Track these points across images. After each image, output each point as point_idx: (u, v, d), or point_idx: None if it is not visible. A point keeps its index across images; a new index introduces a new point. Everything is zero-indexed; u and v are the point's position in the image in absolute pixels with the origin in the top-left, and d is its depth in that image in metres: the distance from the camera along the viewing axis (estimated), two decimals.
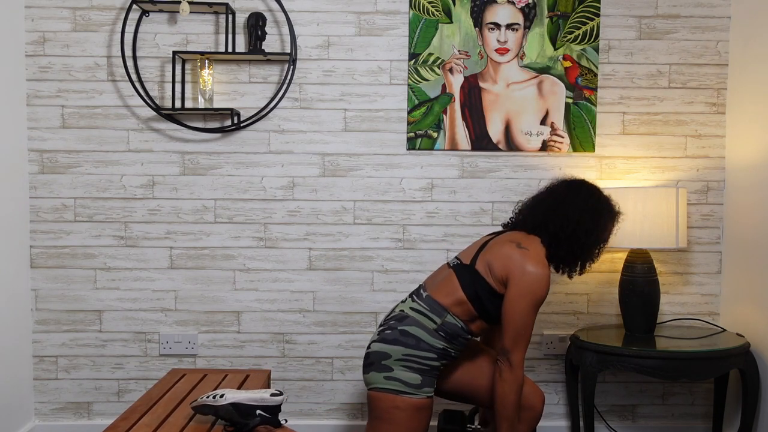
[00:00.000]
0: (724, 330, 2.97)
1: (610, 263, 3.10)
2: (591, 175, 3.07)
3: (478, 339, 2.71)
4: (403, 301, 2.38)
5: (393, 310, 2.37)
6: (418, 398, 2.24)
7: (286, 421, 2.23)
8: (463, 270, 2.31)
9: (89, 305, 3.06)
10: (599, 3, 3.03)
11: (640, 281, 2.82)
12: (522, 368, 2.22)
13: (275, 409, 2.14)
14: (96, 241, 3.05)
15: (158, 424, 2.16)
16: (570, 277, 2.42)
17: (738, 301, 2.98)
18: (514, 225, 2.45)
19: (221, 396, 2.12)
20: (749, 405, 2.73)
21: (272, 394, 2.13)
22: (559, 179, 2.48)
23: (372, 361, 2.29)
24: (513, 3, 3.02)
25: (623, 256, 3.08)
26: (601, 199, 2.38)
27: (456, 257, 2.40)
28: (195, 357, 3.08)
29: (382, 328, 2.34)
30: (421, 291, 2.36)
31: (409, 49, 3.02)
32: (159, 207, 3.05)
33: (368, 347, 2.33)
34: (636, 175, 3.08)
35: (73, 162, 3.03)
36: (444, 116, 3.04)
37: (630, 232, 2.76)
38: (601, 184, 3.07)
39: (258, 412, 2.12)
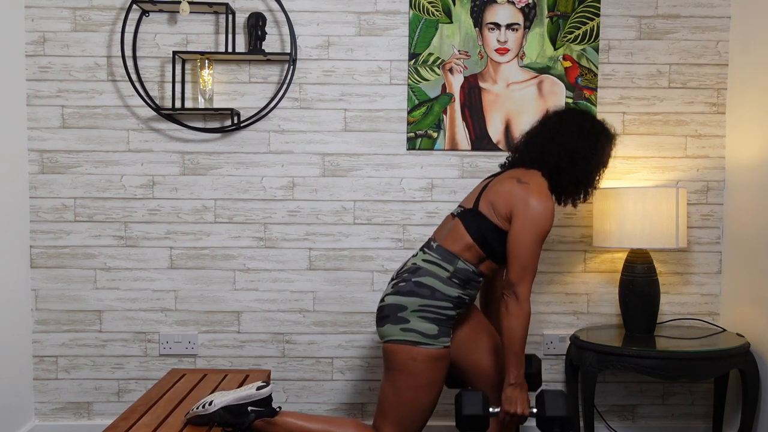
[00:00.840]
0: (724, 330, 2.97)
1: (610, 263, 3.10)
2: None
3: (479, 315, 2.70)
4: (414, 255, 2.38)
5: (404, 264, 2.37)
6: (435, 348, 2.23)
7: (280, 408, 2.22)
8: (468, 215, 2.31)
9: (89, 305, 3.06)
10: (599, 3, 3.03)
11: (640, 281, 2.82)
12: (528, 301, 2.20)
13: (266, 401, 2.14)
14: (96, 241, 3.05)
15: (158, 424, 2.16)
16: (574, 205, 2.42)
17: (738, 301, 2.97)
18: (511, 164, 2.44)
19: (210, 403, 2.12)
20: (749, 405, 2.73)
21: (258, 388, 2.13)
22: (551, 110, 2.47)
23: (387, 314, 2.28)
24: (513, 3, 3.02)
25: (623, 256, 3.08)
26: (595, 123, 2.38)
27: (459, 205, 2.40)
28: (195, 357, 3.08)
29: (395, 281, 2.33)
30: (431, 242, 2.36)
31: (409, 49, 3.02)
32: (159, 207, 3.05)
33: (381, 301, 2.32)
34: (636, 175, 3.08)
35: (73, 162, 3.03)
36: (444, 116, 3.04)
37: (630, 232, 2.76)
38: (601, 184, 3.06)
39: (250, 409, 2.12)
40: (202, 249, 3.06)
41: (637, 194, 2.76)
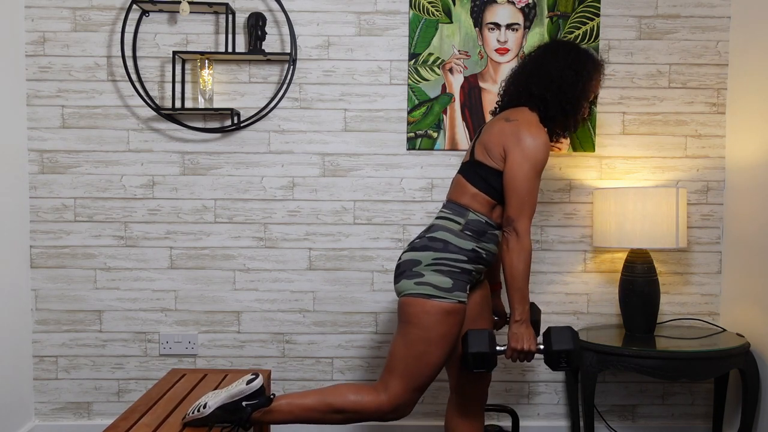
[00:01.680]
0: (724, 330, 2.97)
1: (610, 263, 3.10)
2: (591, 175, 3.08)
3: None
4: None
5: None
6: (448, 302, 2.19)
7: (274, 395, 2.21)
8: (467, 167, 2.31)
9: (89, 305, 3.06)
10: (599, 3, 3.03)
11: (640, 281, 2.82)
12: (528, 236, 2.17)
13: (259, 392, 2.14)
14: (96, 241, 3.05)
15: (158, 424, 2.16)
16: (566, 136, 2.42)
17: (738, 301, 2.98)
18: (501, 107, 2.43)
19: (204, 406, 2.12)
20: (749, 405, 2.73)
21: (248, 382, 2.13)
22: (535, 46, 2.46)
23: (403, 270, 2.25)
24: (513, 3, 3.02)
25: (623, 256, 3.08)
26: (580, 51, 2.35)
27: (462, 163, 2.40)
28: (195, 357, 3.08)
29: (412, 240, 2.34)
30: (445, 202, 2.36)
31: (409, 49, 3.02)
32: (159, 207, 3.05)
33: (399, 258, 2.31)
34: (636, 175, 3.08)
35: (73, 162, 3.03)
36: (444, 116, 3.04)
37: (630, 232, 2.76)
38: (601, 184, 3.07)
39: (244, 403, 2.12)
40: (202, 249, 3.06)
41: (637, 194, 2.76)
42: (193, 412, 2.14)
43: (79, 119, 3.03)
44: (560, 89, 2.28)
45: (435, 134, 3.04)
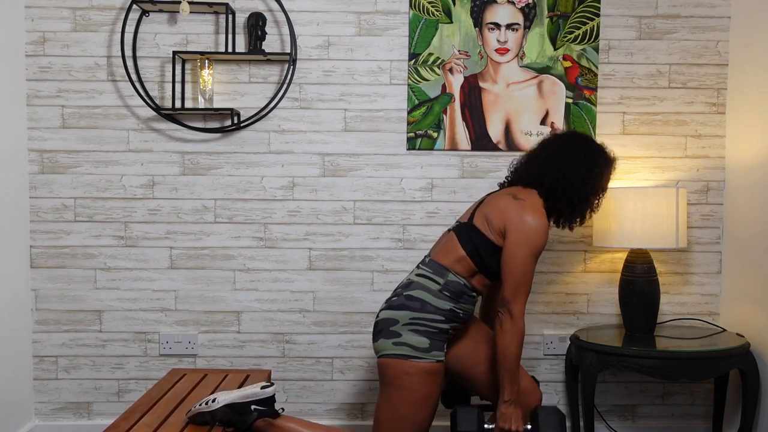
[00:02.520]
0: (724, 330, 2.97)
1: (610, 263, 3.10)
2: None
3: (482, 305, 2.71)
4: (410, 272, 2.40)
5: (402, 282, 2.38)
6: (427, 362, 2.22)
7: (283, 410, 2.22)
8: (462, 228, 2.33)
9: (89, 305, 3.06)
10: (599, 3, 3.03)
11: (640, 281, 2.82)
12: (522, 319, 2.20)
13: (270, 401, 2.14)
14: (96, 241, 3.05)
15: (159, 424, 2.16)
16: (570, 228, 2.44)
17: (738, 301, 2.98)
18: (510, 182, 2.46)
19: (213, 401, 2.12)
20: (749, 405, 2.73)
21: (263, 387, 2.13)
22: (551, 133, 2.48)
23: (381, 329, 2.29)
24: (513, 3, 3.02)
25: (623, 256, 3.08)
26: (594, 147, 2.39)
27: (456, 221, 2.42)
28: (195, 357, 3.08)
29: (389, 297, 2.36)
30: (425, 258, 2.38)
31: (409, 49, 3.02)
32: (159, 207, 3.05)
33: (377, 316, 2.34)
34: (636, 175, 3.08)
35: (73, 162, 3.03)
36: (444, 116, 3.04)
37: (630, 232, 2.76)
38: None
39: (253, 407, 2.11)
40: (202, 249, 3.06)
41: (637, 194, 2.76)
42: (200, 405, 2.13)
43: (79, 119, 3.03)
44: (571, 185, 2.32)
45: (435, 134, 3.04)
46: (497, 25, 3.03)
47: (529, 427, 2.22)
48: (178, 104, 3.00)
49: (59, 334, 3.06)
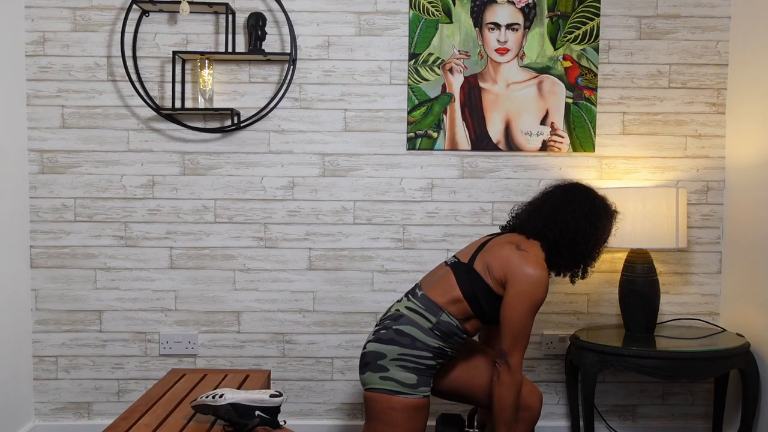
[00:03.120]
0: (724, 330, 2.97)
1: (610, 263, 3.10)
2: (591, 175, 3.07)
3: (475, 338, 2.70)
4: (399, 301, 2.38)
5: (389, 310, 2.37)
6: (414, 398, 2.23)
7: (285, 422, 2.23)
8: (461, 269, 2.31)
9: (89, 305, 3.06)
10: (599, 3, 3.03)
11: (640, 281, 2.82)
12: (520, 371, 2.21)
13: (274, 410, 2.14)
14: (96, 241, 3.05)
15: (158, 423, 2.16)
16: (573, 282, 2.43)
17: (738, 301, 2.98)
18: (512, 228, 2.45)
19: (221, 396, 2.12)
20: (749, 405, 2.73)
21: (272, 395, 2.13)
22: (554, 184, 2.48)
23: (368, 361, 2.29)
24: (513, 3, 3.02)
25: (623, 256, 3.08)
26: (597, 201, 2.39)
27: (454, 256, 2.40)
28: (195, 357, 3.08)
29: (377, 327, 2.34)
30: (417, 290, 2.36)
31: (409, 49, 3.02)
32: (159, 207, 3.05)
33: (364, 347, 2.33)
34: (636, 175, 3.08)
35: (73, 162, 3.03)
36: (444, 116, 3.04)
37: (630, 232, 2.76)
38: (601, 184, 3.07)
39: (257, 413, 2.12)
40: (202, 249, 3.06)
41: (637, 194, 2.76)
42: (206, 397, 2.14)
43: (79, 119, 3.03)
44: (574, 240, 2.31)
45: (435, 134, 3.04)
46: (497, 25, 3.03)
47: None
48: (178, 104, 3.00)
49: (59, 334, 3.06)
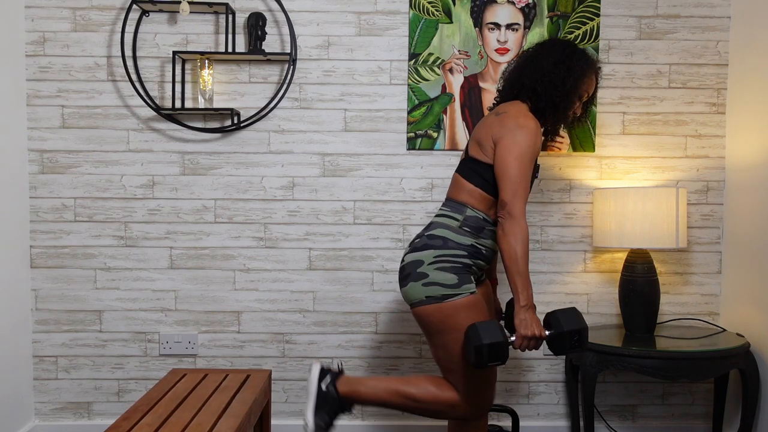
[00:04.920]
0: (724, 330, 2.97)
1: (610, 263, 3.10)
2: (591, 175, 3.08)
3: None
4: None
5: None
6: (462, 297, 2.20)
7: (341, 363, 2.43)
8: (463, 164, 2.35)
9: (89, 305, 3.06)
10: (599, 3, 3.03)
11: (640, 281, 2.82)
12: (524, 218, 2.15)
13: (325, 372, 2.33)
14: (96, 241, 3.05)
15: (160, 423, 2.16)
16: (555, 132, 2.44)
17: (738, 301, 2.98)
18: (497, 102, 2.46)
19: (306, 427, 2.30)
20: (749, 405, 2.73)
21: (310, 371, 2.34)
22: (534, 42, 2.50)
23: (408, 272, 2.26)
24: (513, 3, 3.02)
25: (623, 256, 3.08)
26: (576, 50, 2.37)
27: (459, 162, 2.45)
28: (195, 357, 3.08)
29: (412, 240, 2.36)
30: (444, 201, 2.39)
31: (409, 49, 3.02)
32: (159, 207, 3.05)
33: (402, 261, 2.31)
34: (636, 175, 3.08)
35: (73, 162, 3.03)
36: (444, 116, 3.04)
37: (630, 232, 2.77)
38: (601, 184, 3.07)
39: (323, 385, 2.30)
40: (202, 249, 3.06)
41: (637, 194, 2.77)
42: None
43: (79, 119, 3.03)
44: (551, 82, 2.30)
45: (435, 134, 3.04)
46: (497, 25, 3.03)
47: (550, 331, 2.14)
48: (178, 104, 3.00)
49: (59, 334, 3.06)
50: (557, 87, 2.31)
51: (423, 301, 2.22)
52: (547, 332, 2.14)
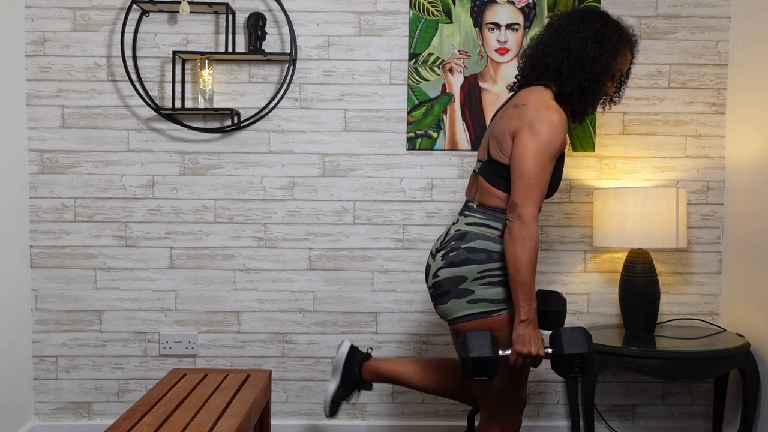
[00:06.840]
0: (724, 330, 2.97)
1: (610, 263, 3.10)
2: (591, 175, 3.08)
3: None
4: (454, 223, 2.14)
5: (447, 233, 2.13)
6: (510, 311, 2.01)
7: (371, 348, 2.60)
8: (485, 167, 2.09)
9: (89, 305, 3.06)
10: (599, 3, 3.03)
11: (640, 281, 2.82)
12: (535, 224, 1.91)
13: (353, 352, 2.49)
14: (96, 241, 3.05)
15: (160, 423, 2.16)
16: (581, 120, 2.17)
17: (738, 301, 2.98)
18: (519, 84, 2.17)
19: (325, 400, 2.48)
20: (749, 405, 2.73)
21: (339, 349, 2.50)
22: (560, 12, 2.19)
23: (447, 289, 2.04)
24: (513, 3, 3.02)
25: (623, 256, 3.08)
26: (609, 23, 2.06)
27: (477, 159, 2.19)
28: (195, 357, 3.08)
29: (443, 252, 2.07)
30: (470, 203, 2.14)
31: (409, 49, 3.02)
32: (159, 207, 3.05)
33: (435, 276, 2.07)
34: (636, 175, 3.08)
35: (73, 162, 3.03)
36: (444, 116, 3.04)
37: (630, 232, 2.77)
38: (601, 184, 3.07)
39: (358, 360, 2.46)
40: (202, 249, 3.06)
41: (637, 194, 2.77)
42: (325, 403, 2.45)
43: (79, 119, 3.03)
44: (579, 63, 2.02)
45: (435, 134, 3.04)
46: (497, 25, 3.03)
47: (550, 350, 1.94)
48: (178, 104, 3.00)
49: (59, 334, 3.06)
50: (586, 68, 2.02)
51: (467, 316, 2.02)
52: (548, 350, 1.95)
